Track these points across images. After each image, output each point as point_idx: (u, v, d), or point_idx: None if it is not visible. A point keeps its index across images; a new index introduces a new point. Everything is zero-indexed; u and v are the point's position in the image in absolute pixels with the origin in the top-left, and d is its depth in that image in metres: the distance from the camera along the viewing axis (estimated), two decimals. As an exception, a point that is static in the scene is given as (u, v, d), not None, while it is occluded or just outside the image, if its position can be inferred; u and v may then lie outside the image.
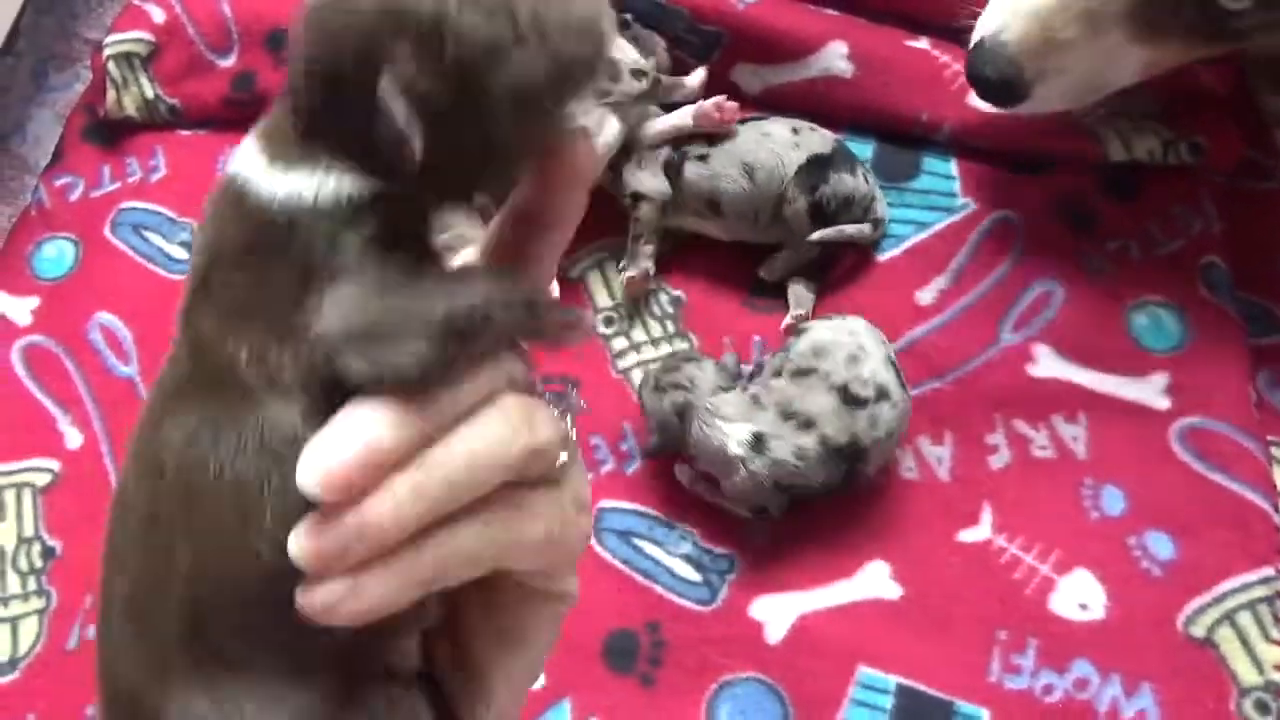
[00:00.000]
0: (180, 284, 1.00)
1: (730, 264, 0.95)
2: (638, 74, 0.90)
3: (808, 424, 0.78)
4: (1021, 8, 0.80)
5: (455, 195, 0.35)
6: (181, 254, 1.00)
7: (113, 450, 0.90)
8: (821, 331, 0.82)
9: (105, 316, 0.97)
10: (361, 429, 0.30)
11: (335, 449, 0.30)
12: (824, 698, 0.75)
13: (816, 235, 0.90)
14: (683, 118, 0.93)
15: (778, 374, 0.82)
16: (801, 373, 0.80)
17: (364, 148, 0.32)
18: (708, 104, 0.92)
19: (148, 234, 1.01)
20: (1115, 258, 0.91)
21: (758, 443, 0.78)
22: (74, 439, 0.92)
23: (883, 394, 0.78)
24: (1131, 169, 0.94)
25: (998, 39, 0.80)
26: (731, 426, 0.79)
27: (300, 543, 0.30)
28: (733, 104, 0.92)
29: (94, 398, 0.93)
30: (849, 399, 0.78)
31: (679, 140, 0.94)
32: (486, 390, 0.32)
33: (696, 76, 0.97)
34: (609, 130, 0.90)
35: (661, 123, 0.94)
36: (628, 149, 0.93)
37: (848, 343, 0.80)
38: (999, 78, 0.81)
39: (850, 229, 0.91)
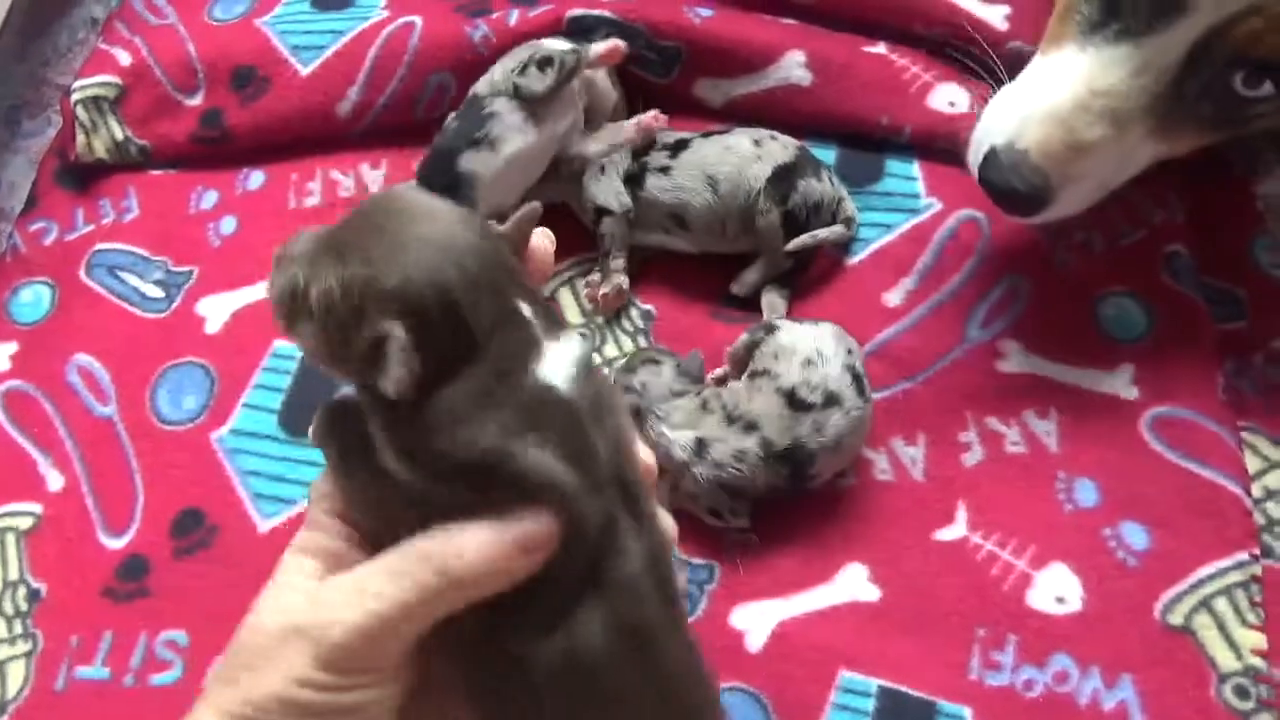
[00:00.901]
0: (155, 321, 0.97)
1: (698, 275, 0.96)
2: (543, 64, 0.91)
3: (750, 426, 0.78)
4: (1035, 112, 0.75)
5: None
6: (156, 292, 1.01)
7: (93, 489, 0.91)
8: (787, 334, 0.82)
9: (83, 358, 0.98)
10: None
11: None
12: (806, 704, 0.75)
13: (793, 245, 0.90)
14: (621, 132, 0.94)
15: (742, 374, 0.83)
16: (756, 374, 0.81)
17: None
18: (646, 117, 0.93)
19: (122, 274, 1.02)
20: (1079, 250, 0.91)
21: (700, 447, 0.79)
22: (55, 481, 0.92)
23: (832, 400, 0.78)
24: (1093, 162, 0.94)
25: (1014, 147, 0.76)
26: (676, 433, 0.79)
27: None
28: (664, 116, 0.95)
29: (74, 439, 0.94)
30: (795, 403, 0.78)
31: (638, 152, 0.95)
32: None
33: (600, 46, 0.96)
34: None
35: (599, 140, 0.95)
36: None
37: (807, 347, 0.81)
38: (1026, 189, 0.76)
39: (824, 233, 0.91)
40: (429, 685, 0.51)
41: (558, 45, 0.94)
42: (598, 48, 0.94)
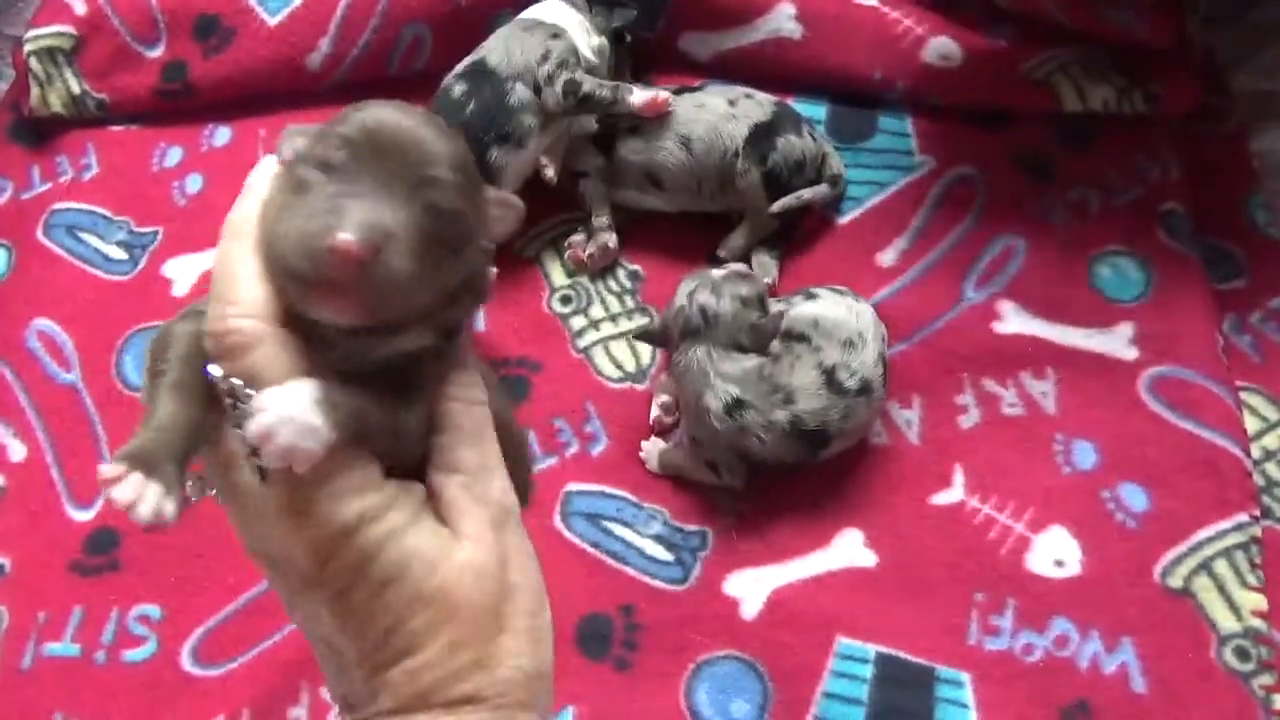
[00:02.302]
0: (119, 284, 0.93)
1: (686, 236, 0.93)
2: (573, 94, 0.87)
3: (787, 399, 0.76)
4: None
5: None
6: (119, 254, 0.96)
7: (58, 460, 0.87)
8: (827, 305, 0.79)
9: (43, 323, 0.93)
10: None
11: None
12: (804, 671, 0.74)
13: (778, 206, 0.88)
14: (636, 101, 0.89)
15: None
16: (795, 337, 0.78)
17: None
18: (661, 97, 0.89)
19: (83, 235, 0.98)
20: (1075, 208, 0.90)
21: (736, 406, 0.76)
22: (17, 451, 0.88)
23: (866, 389, 0.77)
24: (1087, 119, 0.93)
25: None
26: (722, 383, 0.77)
27: None
28: (666, 96, 0.90)
29: (36, 407, 0.90)
30: (833, 384, 0.76)
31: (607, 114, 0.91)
32: None
33: (641, 97, 0.89)
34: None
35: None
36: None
37: (850, 326, 0.78)
38: None
39: (808, 193, 0.89)
40: None
41: (585, 44, 0.89)
42: (639, 98, 0.88)
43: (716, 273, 0.80)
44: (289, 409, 0.38)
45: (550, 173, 0.90)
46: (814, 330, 0.78)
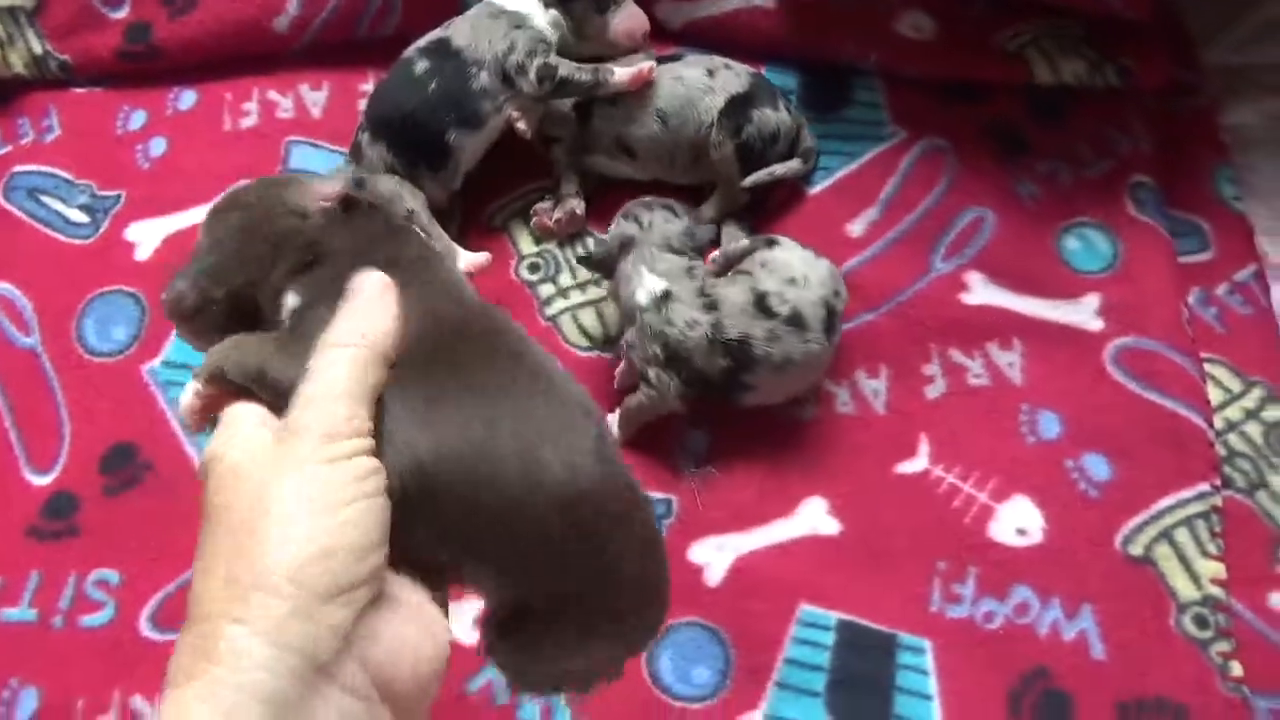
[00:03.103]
0: (80, 248, 0.92)
1: (656, 205, 0.92)
2: (549, 79, 0.86)
3: (712, 306, 0.77)
4: None
5: None
6: (81, 217, 0.95)
7: (16, 424, 0.86)
8: (784, 252, 0.80)
9: (2, 286, 0.92)
10: None
11: None
12: (766, 638, 0.74)
13: (749, 181, 0.87)
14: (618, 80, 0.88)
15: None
16: (740, 272, 0.80)
17: None
18: (645, 68, 0.88)
19: (44, 198, 0.96)
20: (1046, 180, 0.90)
21: (663, 298, 0.78)
22: (-25, 416, 0.87)
23: (796, 320, 0.76)
24: (1060, 92, 0.92)
25: None
26: (650, 278, 0.79)
27: None
28: (650, 65, 0.89)
29: (-6, 372, 0.88)
30: (761, 306, 0.77)
31: None
32: None
33: (624, 75, 0.88)
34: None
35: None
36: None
37: (798, 269, 0.78)
38: None
39: (780, 168, 0.88)
40: None
41: (544, 23, 0.88)
42: (622, 76, 0.87)
43: (648, 198, 0.84)
44: None
45: (523, 125, 0.89)
46: (760, 268, 0.79)
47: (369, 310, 0.43)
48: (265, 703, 0.35)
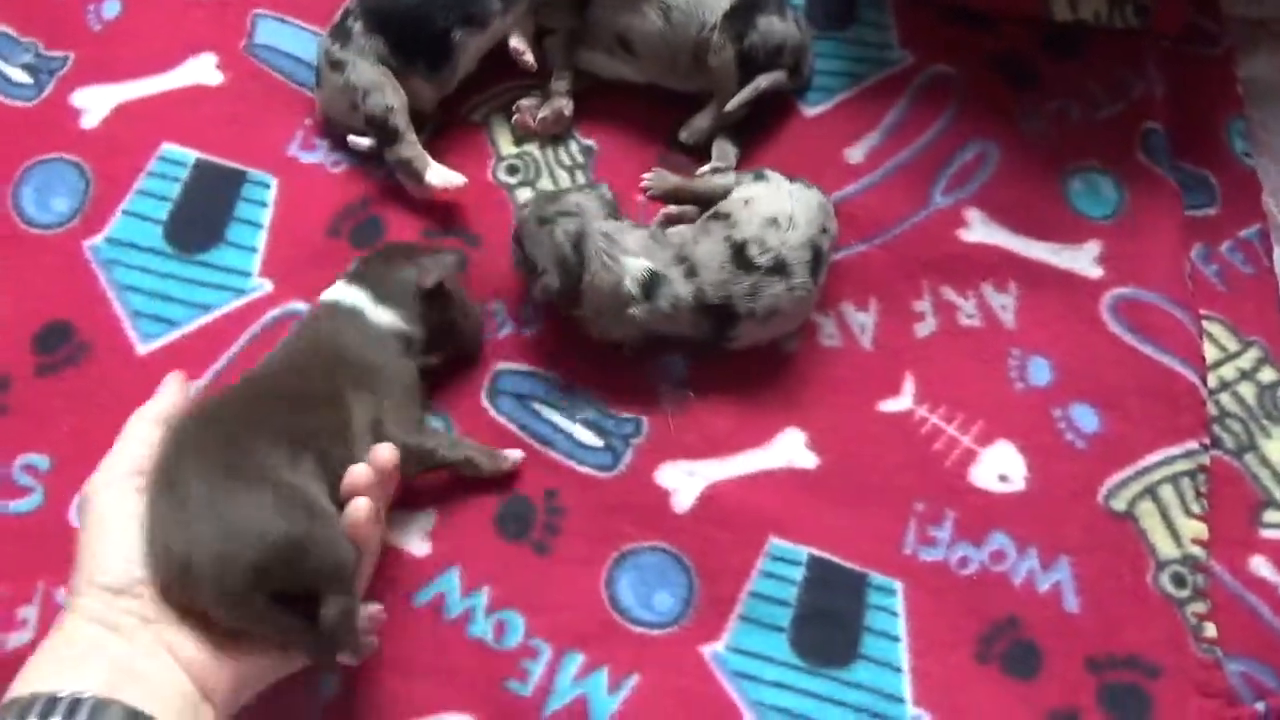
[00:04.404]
0: (20, 110, 0.81)
1: (646, 115, 0.87)
2: None
3: (691, 272, 0.72)
4: None
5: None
6: (23, 77, 0.87)
7: (-54, 294, 0.79)
8: (768, 189, 0.75)
9: (-66, 144, 0.85)
10: None
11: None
12: (732, 569, 0.71)
13: (733, 103, 0.82)
14: None
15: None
16: (717, 216, 0.74)
17: None
18: None
19: (-16, 53, 0.89)
20: (1055, 119, 0.86)
21: (652, 282, 0.72)
22: (-101, 283, 0.80)
23: (779, 269, 0.72)
24: (1075, 29, 0.88)
25: None
26: (631, 260, 0.72)
27: None
28: None
29: (-80, 236, 0.82)
30: (740, 260, 0.72)
31: None
32: None
33: None
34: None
35: None
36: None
37: (782, 207, 0.74)
38: None
39: (764, 81, 0.83)
40: None
41: None
42: None
43: (526, 209, 0.76)
44: None
45: (529, 58, 0.84)
46: (742, 209, 0.74)
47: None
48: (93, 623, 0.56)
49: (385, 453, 0.65)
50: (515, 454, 0.73)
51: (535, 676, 0.67)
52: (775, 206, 0.74)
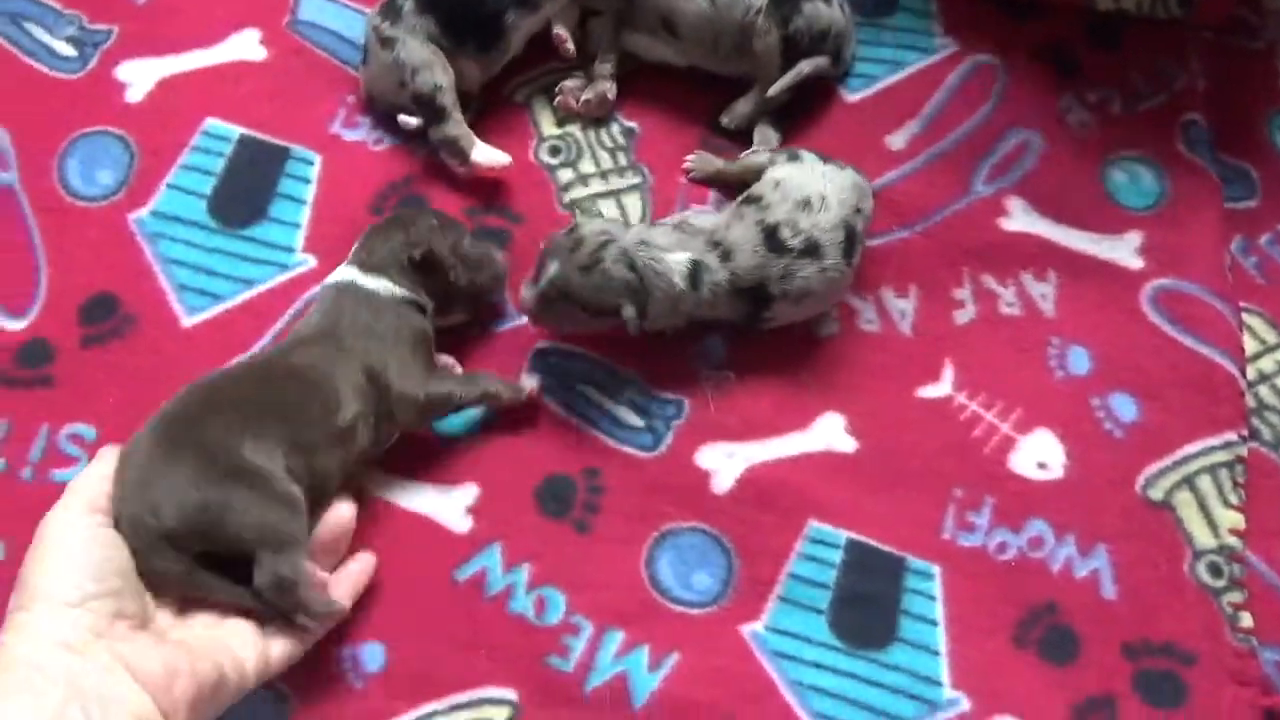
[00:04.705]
0: (66, 83, 0.84)
1: (689, 97, 0.87)
2: None
3: (727, 255, 0.73)
4: None
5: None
6: (68, 50, 0.88)
7: (-13, 261, 0.80)
8: (801, 171, 0.75)
9: (-22, 115, 0.85)
10: None
11: None
12: (772, 550, 0.71)
13: (774, 89, 0.83)
14: None
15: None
16: (750, 200, 0.75)
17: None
18: None
19: (28, 25, 0.89)
20: (1096, 109, 0.86)
21: (696, 272, 0.72)
22: (-55, 252, 0.81)
23: (811, 251, 0.73)
24: (1118, 18, 0.88)
25: None
26: (672, 258, 0.72)
27: None
28: None
29: (-34, 206, 0.82)
30: (773, 242, 0.72)
31: None
32: None
33: None
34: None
35: None
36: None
37: (815, 188, 0.74)
38: None
39: (807, 66, 0.83)
40: None
41: None
42: None
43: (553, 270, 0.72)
44: None
45: (570, 46, 0.85)
46: (773, 191, 0.74)
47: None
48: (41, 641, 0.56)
49: (345, 512, 0.68)
50: (532, 381, 0.74)
51: (576, 653, 0.68)
52: (808, 188, 0.74)
